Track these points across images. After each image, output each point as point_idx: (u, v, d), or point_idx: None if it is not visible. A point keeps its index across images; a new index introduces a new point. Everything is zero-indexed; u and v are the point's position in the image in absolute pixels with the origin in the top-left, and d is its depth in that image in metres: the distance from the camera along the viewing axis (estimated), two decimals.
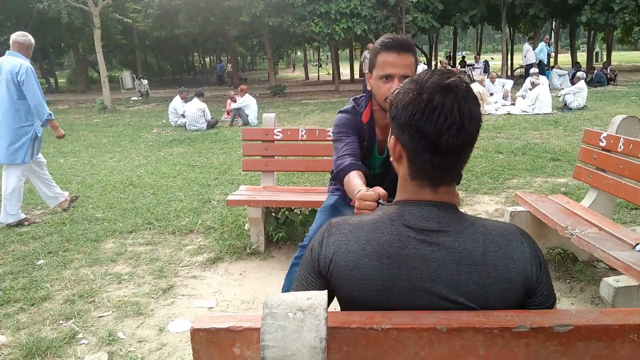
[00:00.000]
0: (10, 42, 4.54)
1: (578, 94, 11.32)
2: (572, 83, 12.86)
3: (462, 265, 0.94)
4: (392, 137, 1.03)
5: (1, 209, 4.59)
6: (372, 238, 0.97)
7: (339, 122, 1.98)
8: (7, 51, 4.54)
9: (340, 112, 2.02)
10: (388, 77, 1.80)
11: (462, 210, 1.05)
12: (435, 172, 0.98)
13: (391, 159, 1.06)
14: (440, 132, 0.93)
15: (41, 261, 3.71)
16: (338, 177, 1.80)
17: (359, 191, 1.51)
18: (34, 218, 4.74)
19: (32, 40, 4.63)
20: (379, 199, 1.35)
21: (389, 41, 1.79)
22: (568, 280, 3.19)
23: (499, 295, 0.95)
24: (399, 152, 1.02)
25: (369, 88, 1.93)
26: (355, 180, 1.69)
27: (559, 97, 11.69)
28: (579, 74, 12.31)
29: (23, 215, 4.62)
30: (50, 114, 4.56)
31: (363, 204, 1.34)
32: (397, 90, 1.02)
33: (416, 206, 0.99)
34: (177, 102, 11.40)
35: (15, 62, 4.41)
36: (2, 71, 4.43)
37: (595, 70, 18.01)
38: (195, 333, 0.90)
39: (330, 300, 1.07)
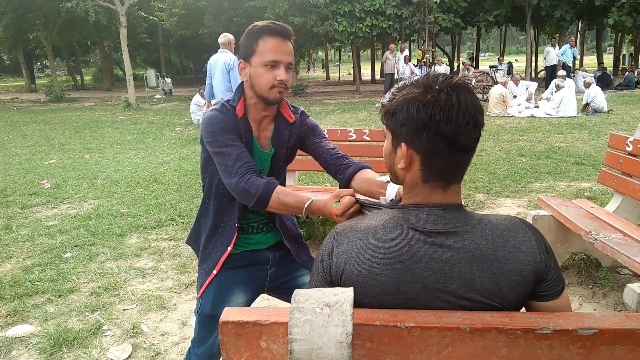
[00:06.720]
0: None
1: (595, 97, 11.21)
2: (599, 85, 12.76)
3: (475, 263, 0.96)
4: (402, 145, 1.00)
5: None
6: (383, 244, 0.98)
7: (214, 126, 1.59)
8: (219, 49, 6.20)
9: (210, 111, 1.66)
10: (274, 64, 1.56)
11: (483, 213, 1.06)
12: (452, 171, 1.00)
13: (400, 166, 1.02)
14: (459, 129, 0.95)
15: (68, 254, 3.81)
16: (261, 203, 1.53)
17: (311, 201, 1.47)
18: None
19: (229, 37, 6.22)
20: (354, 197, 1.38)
21: (272, 25, 1.56)
22: (591, 286, 3.15)
23: (513, 289, 0.97)
24: (410, 158, 1.00)
25: (244, 79, 1.64)
26: (292, 196, 1.52)
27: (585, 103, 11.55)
28: (587, 79, 12.20)
29: None
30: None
31: (349, 212, 1.35)
32: (400, 96, 0.99)
33: (422, 210, 1.00)
34: (197, 98, 11.56)
35: (227, 56, 6.09)
36: (218, 63, 6.06)
37: (627, 73, 17.68)
38: (223, 325, 0.93)
39: None
